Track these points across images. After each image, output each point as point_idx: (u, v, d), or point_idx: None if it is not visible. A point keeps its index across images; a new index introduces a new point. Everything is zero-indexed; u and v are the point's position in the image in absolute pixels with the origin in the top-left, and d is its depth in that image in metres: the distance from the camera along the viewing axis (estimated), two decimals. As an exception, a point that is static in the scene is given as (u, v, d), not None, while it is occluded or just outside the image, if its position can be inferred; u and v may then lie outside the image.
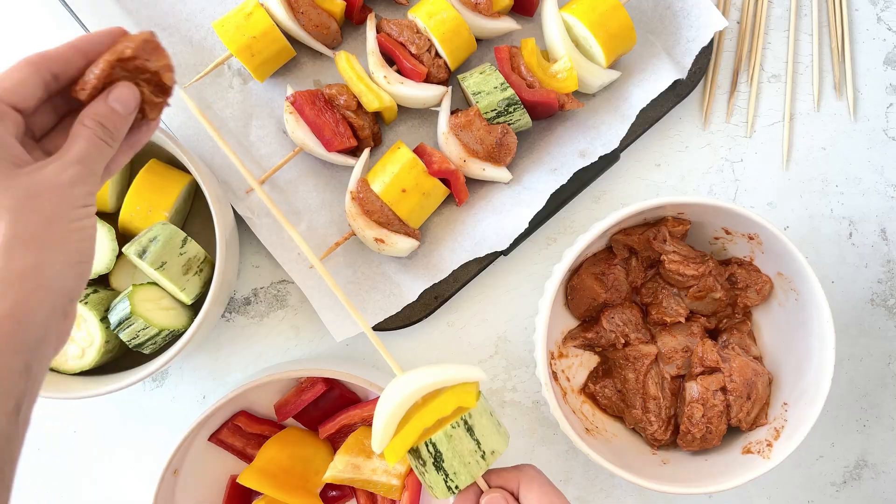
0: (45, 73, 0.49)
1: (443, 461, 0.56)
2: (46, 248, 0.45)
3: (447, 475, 0.56)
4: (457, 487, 0.56)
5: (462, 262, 0.83)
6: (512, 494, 0.57)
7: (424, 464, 0.56)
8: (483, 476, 0.58)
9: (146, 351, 0.77)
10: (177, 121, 0.82)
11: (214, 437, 0.81)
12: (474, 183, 0.86)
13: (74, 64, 0.50)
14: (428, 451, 0.56)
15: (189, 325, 0.77)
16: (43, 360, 0.46)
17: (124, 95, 0.51)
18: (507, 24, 0.83)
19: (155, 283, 0.77)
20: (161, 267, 0.73)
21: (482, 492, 0.58)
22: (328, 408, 0.83)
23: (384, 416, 0.56)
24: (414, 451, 0.57)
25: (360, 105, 0.81)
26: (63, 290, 0.46)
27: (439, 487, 0.56)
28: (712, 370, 0.79)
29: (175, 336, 0.77)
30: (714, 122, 0.91)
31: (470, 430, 0.56)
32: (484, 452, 0.56)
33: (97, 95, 0.51)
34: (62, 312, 0.47)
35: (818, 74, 0.91)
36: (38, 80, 0.49)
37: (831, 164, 0.91)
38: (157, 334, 0.75)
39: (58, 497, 0.87)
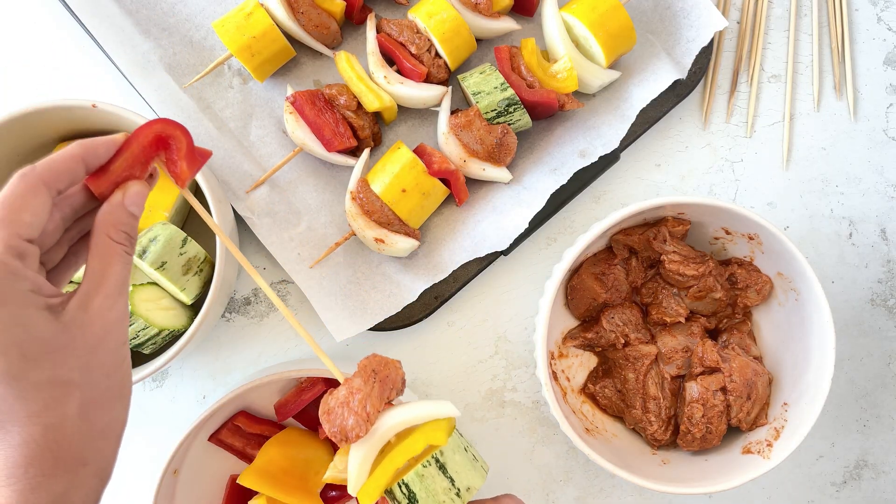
0: (54, 192, 0.47)
1: (417, 501, 0.55)
2: (109, 400, 0.46)
3: None
4: None
5: (462, 262, 0.83)
6: None
7: None
8: None
9: (146, 351, 0.77)
10: (177, 120, 0.82)
11: (214, 438, 0.81)
12: (474, 183, 0.86)
13: (78, 176, 0.48)
14: (402, 491, 0.55)
15: (189, 325, 0.77)
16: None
17: (139, 197, 0.49)
18: (507, 24, 0.83)
19: (155, 283, 0.77)
20: (161, 267, 0.73)
21: None
22: (328, 408, 0.83)
23: (357, 458, 0.56)
24: (389, 493, 0.56)
25: (360, 105, 0.81)
26: (120, 430, 0.48)
27: None
28: (712, 370, 0.79)
29: (175, 336, 0.77)
30: (714, 122, 0.91)
31: (442, 467, 0.56)
32: (459, 490, 0.56)
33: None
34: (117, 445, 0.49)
35: (818, 74, 0.91)
36: (49, 203, 0.46)
37: (831, 164, 0.91)
38: (157, 334, 0.75)
39: (58, 497, 0.87)
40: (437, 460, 0.55)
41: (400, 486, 0.55)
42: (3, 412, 0.42)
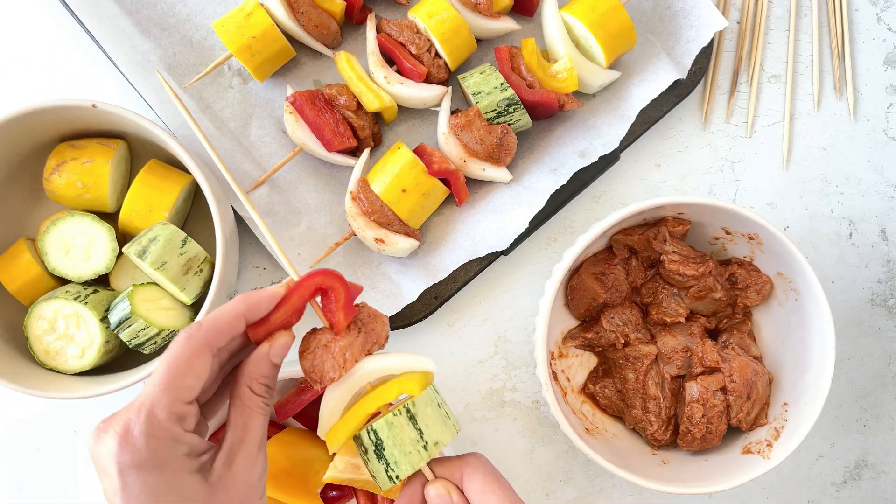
0: (216, 350, 0.48)
1: (384, 449, 0.55)
2: None
3: (388, 464, 0.55)
4: (397, 477, 0.55)
5: (462, 262, 0.83)
6: (457, 485, 0.57)
7: (366, 451, 0.56)
8: (429, 466, 0.58)
9: (146, 351, 0.77)
10: (177, 121, 0.82)
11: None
12: (474, 183, 0.86)
13: (239, 331, 0.49)
14: (369, 437, 0.55)
15: (189, 324, 0.76)
16: None
17: (284, 350, 0.50)
18: (507, 24, 0.83)
19: (155, 284, 0.77)
20: (161, 267, 0.73)
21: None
22: (328, 408, 0.83)
23: (329, 401, 0.56)
24: (357, 438, 0.57)
25: (360, 105, 0.81)
26: None
27: (381, 477, 0.56)
28: (712, 370, 0.79)
29: (175, 336, 0.77)
30: (714, 122, 0.91)
31: (413, 418, 0.55)
32: (426, 443, 0.56)
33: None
34: None
35: (818, 74, 0.91)
36: (211, 363, 0.47)
37: (831, 164, 0.91)
38: (157, 334, 0.75)
39: (58, 497, 0.87)
40: (409, 411, 0.55)
41: (368, 432, 0.55)
42: None
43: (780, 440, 0.75)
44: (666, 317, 0.82)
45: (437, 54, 0.82)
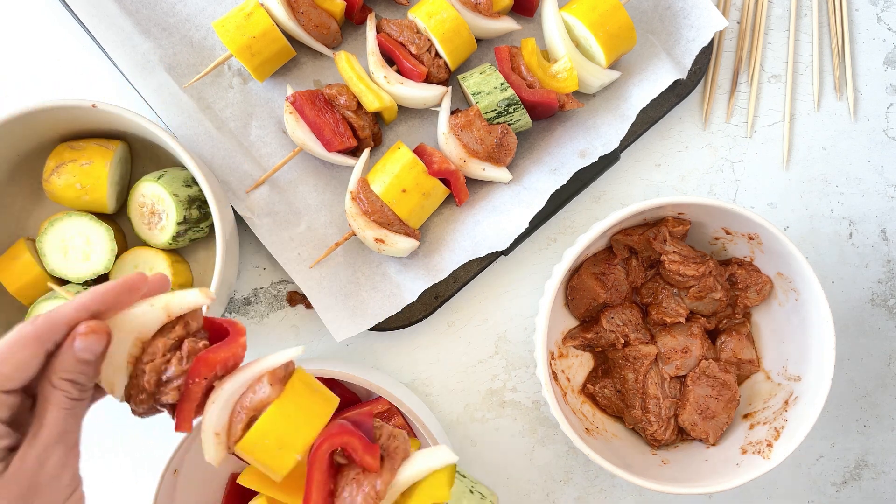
0: (49, 344, 0.46)
1: None
2: None
3: None
4: None
5: (462, 262, 0.83)
6: None
7: None
8: None
9: (146, 351, 0.77)
10: (177, 120, 0.82)
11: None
12: (474, 183, 0.86)
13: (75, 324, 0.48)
14: None
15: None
16: None
17: (90, 341, 0.46)
18: (507, 24, 0.83)
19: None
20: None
21: None
22: (328, 408, 0.83)
23: None
24: None
25: (360, 105, 0.81)
26: None
27: None
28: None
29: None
30: (714, 122, 0.91)
31: None
32: None
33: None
34: None
35: (818, 74, 0.91)
36: (40, 356, 0.46)
37: (831, 164, 0.91)
38: (157, 334, 0.75)
39: (58, 497, 0.87)
40: None
41: None
42: None
43: (780, 440, 0.75)
44: (666, 317, 0.82)
45: (437, 54, 0.82)
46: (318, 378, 0.80)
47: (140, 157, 0.85)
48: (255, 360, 0.53)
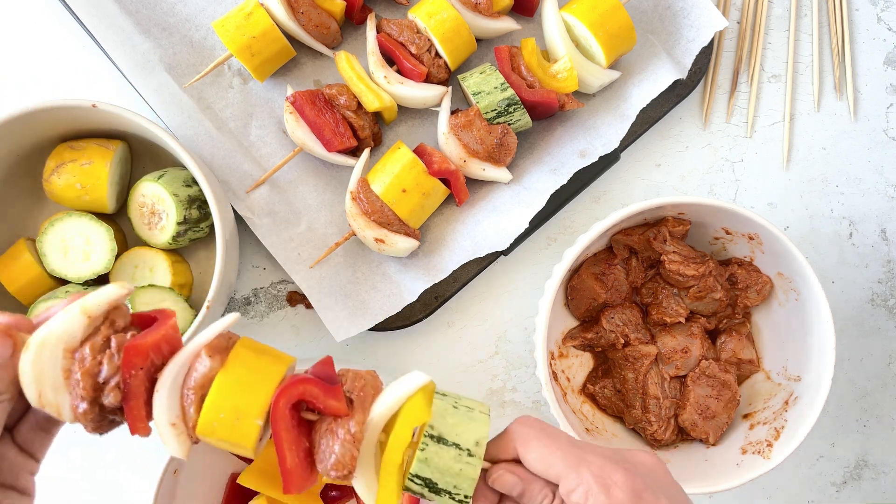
0: None
1: (436, 484, 0.52)
2: None
3: (450, 493, 0.52)
4: (466, 497, 0.52)
5: (462, 262, 0.83)
6: (515, 460, 0.53)
7: (423, 494, 0.53)
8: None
9: (146, 351, 0.76)
10: (177, 120, 0.82)
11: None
12: (474, 183, 0.86)
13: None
14: (416, 483, 0.52)
15: (189, 327, 0.76)
16: None
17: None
18: (507, 24, 0.83)
19: (155, 285, 0.77)
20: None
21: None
22: (328, 408, 0.83)
23: (359, 479, 0.52)
24: (407, 490, 0.53)
25: (360, 105, 0.81)
26: None
27: None
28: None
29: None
30: (714, 122, 0.91)
31: (440, 439, 0.52)
32: (468, 450, 0.52)
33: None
34: None
35: (818, 74, 0.91)
36: None
37: (831, 164, 0.91)
38: (157, 335, 0.75)
39: (58, 497, 0.87)
40: (431, 437, 0.52)
41: (412, 480, 0.52)
42: None
43: (780, 440, 0.75)
44: (666, 317, 0.82)
45: (437, 54, 0.82)
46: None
47: (140, 157, 0.85)
48: (190, 340, 0.51)
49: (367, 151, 0.82)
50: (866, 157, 0.91)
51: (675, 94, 0.87)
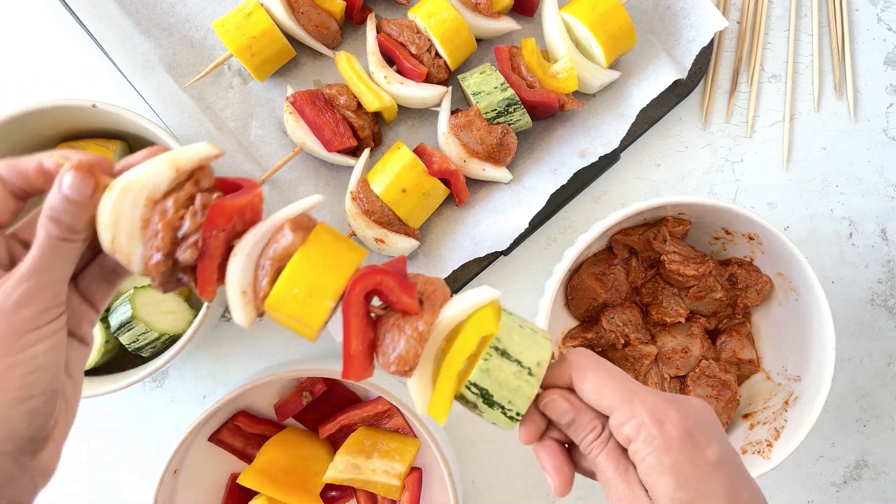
0: (17, 184, 0.47)
1: (492, 396, 0.51)
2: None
3: (503, 408, 0.51)
4: (518, 414, 0.52)
5: (462, 262, 0.83)
6: (569, 388, 0.53)
7: (476, 406, 0.52)
8: None
9: (145, 354, 0.77)
10: (177, 120, 0.82)
11: (214, 438, 0.81)
12: (474, 183, 0.85)
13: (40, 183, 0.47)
14: (472, 392, 0.51)
15: (189, 328, 0.76)
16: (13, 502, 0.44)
17: (74, 179, 0.45)
18: (507, 24, 0.83)
19: (155, 284, 0.77)
20: None
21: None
22: (328, 408, 0.83)
23: (413, 380, 0.52)
24: (460, 398, 0.52)
25: (360, 105, 0.81)
26: (7, 434, 0.43)
27: (502, 421, 0.52)
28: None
29: (174, 339, 0.77)
30: (714, 122, 0.91)
31: (504, 353, 0.51)
32: (529, 369, 0.51)
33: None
34: (16, 456, 0.44)
35: (818, 74, 0.91)
36: (3, 193, 0.46)
37: (831, 164, 0.91)
38: (157, 339, 0.75)
39: (58, 497, 0.87)
40: (497, 349, 0.51)
41: (469, 388, 0.51)
42: None
43: (780, 440, 0.75)
44: (666, 317, 0.82)
45: (437, 54, 0.82)
46: (317, 378, 0.80)
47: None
48: (273, 214, 0.50)
49: (367, 151, 0.82)
50: (866, 157, 0.91)
51: (675, 94, 0.87)
